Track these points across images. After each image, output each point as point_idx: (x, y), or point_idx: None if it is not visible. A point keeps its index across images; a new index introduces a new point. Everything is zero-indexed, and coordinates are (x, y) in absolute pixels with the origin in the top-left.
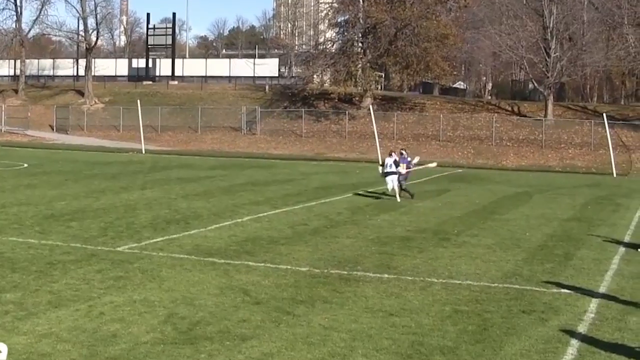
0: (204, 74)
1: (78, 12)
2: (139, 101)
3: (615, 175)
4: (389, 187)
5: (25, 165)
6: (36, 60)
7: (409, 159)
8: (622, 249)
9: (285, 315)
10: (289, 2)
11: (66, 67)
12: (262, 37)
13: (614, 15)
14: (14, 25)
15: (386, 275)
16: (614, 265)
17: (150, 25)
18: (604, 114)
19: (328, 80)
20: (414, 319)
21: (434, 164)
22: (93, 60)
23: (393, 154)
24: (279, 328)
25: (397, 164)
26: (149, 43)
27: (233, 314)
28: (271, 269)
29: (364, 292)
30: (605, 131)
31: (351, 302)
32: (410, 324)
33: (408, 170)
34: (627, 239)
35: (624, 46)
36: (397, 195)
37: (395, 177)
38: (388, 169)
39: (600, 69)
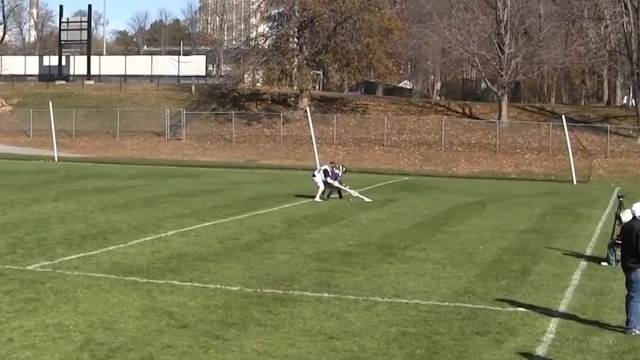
0: (123, 73)
1: None
2: (50, 103)
3: (575, 182)
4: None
5: None
6: None
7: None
8: (583, 263)
9: (215, 339)
10: None
11: None
12: (187, 32)
13: (572, 8)
14: None
15: (326, 295)
16: (575, 281)
17: (64, 19)
18: (563, 116)
19: (260, 80)
20: (357, 342)
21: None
22: (0, 57)
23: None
24: (208, 354)
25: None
26: (61, 38)
27: (157, 339)
28: (199, 289)
29: (302, 313)
30: (565, 134)
31: (287, 324)
32: (352, 348)
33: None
34: (588, 252)
35: (583, 42)
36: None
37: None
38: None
39: (559, 67)
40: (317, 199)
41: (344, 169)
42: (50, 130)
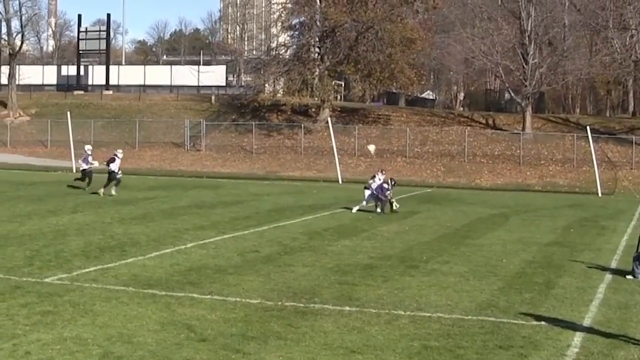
0: (142, 83)
1: (0, 12)
2: (69, 113)
3: (600, 194)
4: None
5: None
6: None
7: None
8: (608, 276)
9: (235, 353)
10: (238, 2)
11: None
12: (207, 41)
13: (597, 18)
14: None
15: (347, 308)
16: (600, 294)
17: (82, 28)
18: (588, 127)
19: (281, 90)
20: (379, 356)
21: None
22: (17, 67)
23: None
24: None
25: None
26: (80, 48)
27: (176, 353)
28: (218, 302)
29: (323, 327)
30: (589, 146)
31: (308, 338)
32: None
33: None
34: (613, 265)
35: (608, 52)
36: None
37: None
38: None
39: (583, 77)
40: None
41: (393, 182)
42: (69, 141)
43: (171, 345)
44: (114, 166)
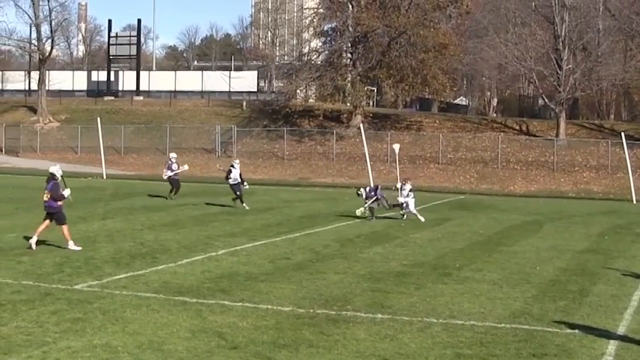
0: (173, 89)
1: (30, 18)
2: (99, 119)
3: (635, 201)
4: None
5: None
6: None
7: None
8: None
9: None
10: (269, 7)
11: (16, 81)
12: (238, 47)
13: (632, 23)
14: None
15: (379, 316)
16: (634, 302)
17: (112, 34)
18: (622, 133)
19: (313, 96)
20: None
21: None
22: (47, 72)
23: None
24: None
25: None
26: (110, 53)
27: None
28: (250, 309)
29: (355, 335)
30: (624, 152)
31: (340, 345)
32: None
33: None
34: None
35: None
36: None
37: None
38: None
39: (618, 83)
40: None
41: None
42: (99, 147)
43: (202, 353)
44: (233, 178)
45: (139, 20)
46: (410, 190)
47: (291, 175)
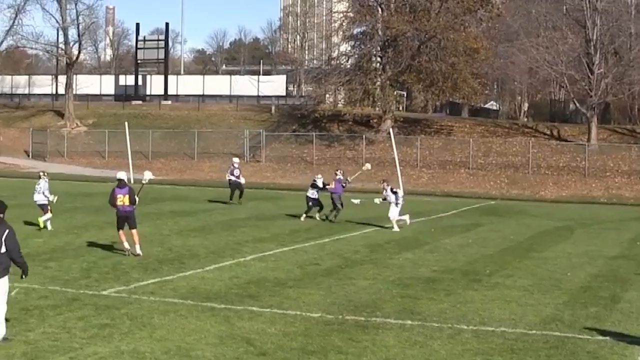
0: (201, 93)
1: (57, 21)
2: (126, 124)
3: None
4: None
5: None
6: (9, 77)
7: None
8: None
9: None
10: (298, 11)
11: (44, 85)
12: (267, 50)
13: None
14: None
15: (409, 322)
16: None
17: (140, 37)
18: None
19: (342, 100)
20: None
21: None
22: (74, 76)
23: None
24: None
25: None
26: (138, 57)
27: None
28: (278, 315)
29: (384, 341)
30: None
31: (369, 352)
32: None
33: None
34: None
35: None
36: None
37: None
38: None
39: None
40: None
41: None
42: (126, 151)
43: (230, 359)
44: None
45: (167, 24)
46: (394, 192)
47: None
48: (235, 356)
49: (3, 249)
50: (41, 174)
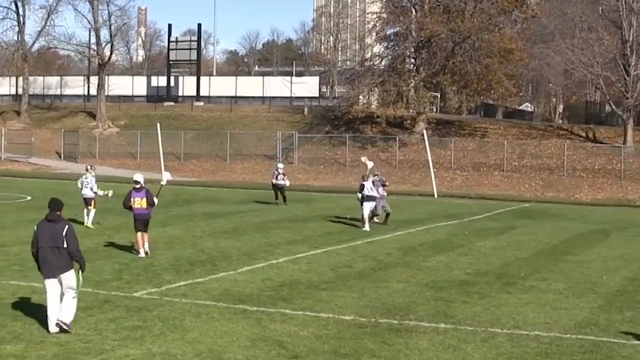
0: (233, 94)
1: (89, 22)
2: (159, 125)
3: None
4: (366, 212)
5: (28, 198)
6: (41, 78)
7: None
8: None
9: None
10: (331, 11)
11: (75, 86)
12: (300, 51)
13: None
14: (15, 38)
15: (442, 325)
16: None
17: (172, 38)
18: None
19: (376, 102)
20: None
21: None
22: (106, 77)
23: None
24: None
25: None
26: (170, 58)
27: None
28: (310, 318)
29: (417, 345)
30: None
31: (402, 355)
32: None
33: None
34: None
35: None
36: (367, 223)
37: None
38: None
39: None
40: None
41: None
42: (158, 153)
43: None
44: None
45: (199, 25)
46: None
47: (353, 182)
48: (268, 359)
49: (65, 244)
50: (88, 167)
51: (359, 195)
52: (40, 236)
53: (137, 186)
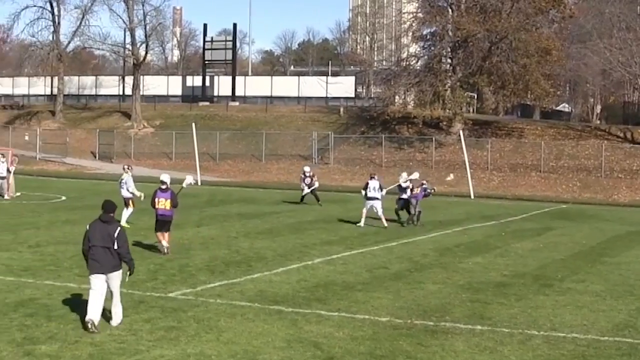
0: (269, 94)
1: (124, 22)
2: (194, 125)
3: None
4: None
5: (63, 198)
6: (76, 78)
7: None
8: None
9: None
10: (367, 11)
11: (110, 86)
12: (335, 51)
13: None
14: (50, 38)
15: (479, 327)
16: None
17: (208, 38)
18: None
19: (412, 102)
20: None
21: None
22: (141, 77)
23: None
24: None
25: (381, 188)
26: (205, 58)
27: None
28: (346, 319)
29: (453, 346)
30: None
31: (438, 357)
32: None
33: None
34: None
35: None
36: (383, 221)
37: (379, 202)
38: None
39: None
40: (384, 223)
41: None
42: (193, 153)
43: None
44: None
45: (235, 25)
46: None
47: (389, 182)
48: None
49: (116, 246)
50: (125, 167)
51: (363, 192)
52: (92, 235)
53: (163, 187)
